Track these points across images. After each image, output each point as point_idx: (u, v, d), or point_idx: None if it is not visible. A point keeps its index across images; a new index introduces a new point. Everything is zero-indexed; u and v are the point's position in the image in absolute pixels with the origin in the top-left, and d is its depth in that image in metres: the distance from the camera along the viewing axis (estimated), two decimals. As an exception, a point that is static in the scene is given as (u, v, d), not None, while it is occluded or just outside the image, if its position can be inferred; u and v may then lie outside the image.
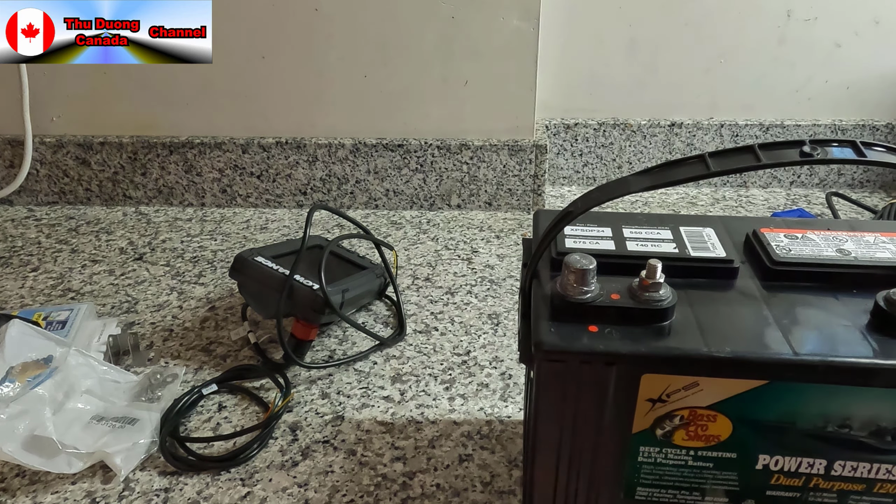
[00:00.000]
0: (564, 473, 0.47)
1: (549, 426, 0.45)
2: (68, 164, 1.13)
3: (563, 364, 0.42)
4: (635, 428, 0.44)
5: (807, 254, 0.48)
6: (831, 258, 0.47)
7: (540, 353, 0.42)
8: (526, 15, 1.01)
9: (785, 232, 0.51)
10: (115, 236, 1.06)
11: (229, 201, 1.16)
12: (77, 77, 1.08)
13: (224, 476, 0.62)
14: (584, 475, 0.46)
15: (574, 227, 0.52)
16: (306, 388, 0.72)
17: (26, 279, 0.94)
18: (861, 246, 0.49)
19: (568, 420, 0.44)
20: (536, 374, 0.43)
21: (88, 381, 0.68)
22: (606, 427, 0.44)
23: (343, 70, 1.06)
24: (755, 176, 1.20)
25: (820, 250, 0.48)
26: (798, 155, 0.39)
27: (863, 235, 0.50)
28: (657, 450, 0.44)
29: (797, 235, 0.50)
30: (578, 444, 0.45)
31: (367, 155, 1.11)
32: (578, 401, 0.43)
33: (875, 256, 0.48)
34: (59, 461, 0.60)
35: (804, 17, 1.09)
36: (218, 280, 0.93)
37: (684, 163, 0.41)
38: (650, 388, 0.42)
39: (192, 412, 0.69)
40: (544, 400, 0.44)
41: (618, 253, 0.49)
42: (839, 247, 0.49)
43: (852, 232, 0.51)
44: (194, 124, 1.12)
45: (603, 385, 0.42)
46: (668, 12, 1.09)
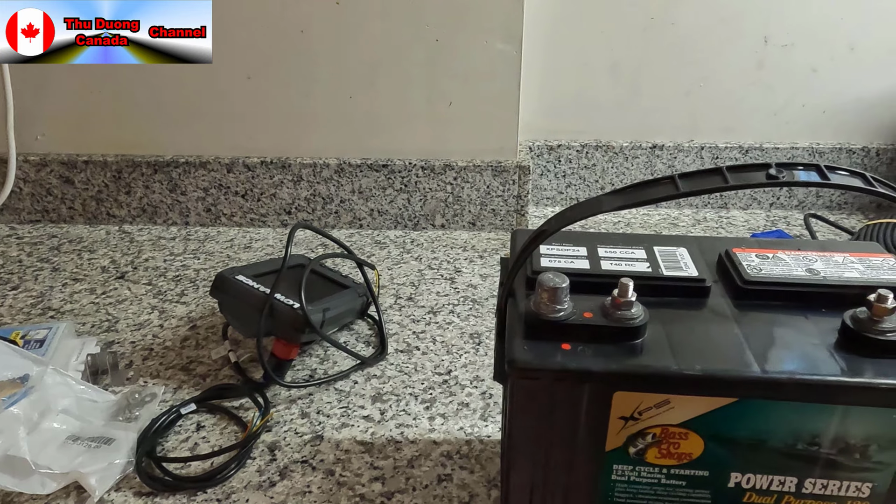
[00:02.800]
0: (539, 491, 0.47)
1: (523, 443, 0.45)
2: (52, 183, 1.13)
3: (536, 381, 0.42)
4: (608, 446, 0.44)
5: (777, 273, 0.49)
6: (801, 278, 0.48)
7: (513, 370, 0.42)
8: (509, 38, 1.02)
9: (757, 252, 0.52)
10: (97, 255, 1.06)
11: (214, 220, 1.16)
12: (62, 95, 1.08)
13: (200, 497, 0.61)
14: (558, 493, 0.47)
15: (549, 246, 0.52)
16: (286, 408, 0.72)
17: (6, 297, 0.93)
18: (830, 266, 0.50)
19: (542, 437, 0.44)
20: (510, 392, 0.43)
21: (65, 400, 0.68)
22: (580, 445, 0.44)
23: (328, 91, 1.07)
24: (735, 198, 1.22)
25: (790, 270, 0.49)
26: (765, 177, 0.40)
27: (832, 255, 0.51)
28: (630, 468, 0.45)
29: (768, 255, 0.51)
30: (552, 462, 0.45)
31: (351, 175, 1.11)
32: (552, 418, 0.43)
33: (843, 276, 0.48)
34: (32, 482, 0.60)
35: (781, 43, 1.11)
36: (200, 299, 0.93)
37: (655, 183, 0.42)
38: (622, 405, 0.42)
39: (169, 432, 0.69)
40: (518, 417, 0.44)
41: (592, 272, 0.49)
42: (809, 266, 0.50)
43: (822, 252, 0.52)
44: (179, 143, 1.12)
45: (576, 403, 0.42)
46: (649, 36, 1.11)
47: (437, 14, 1.01)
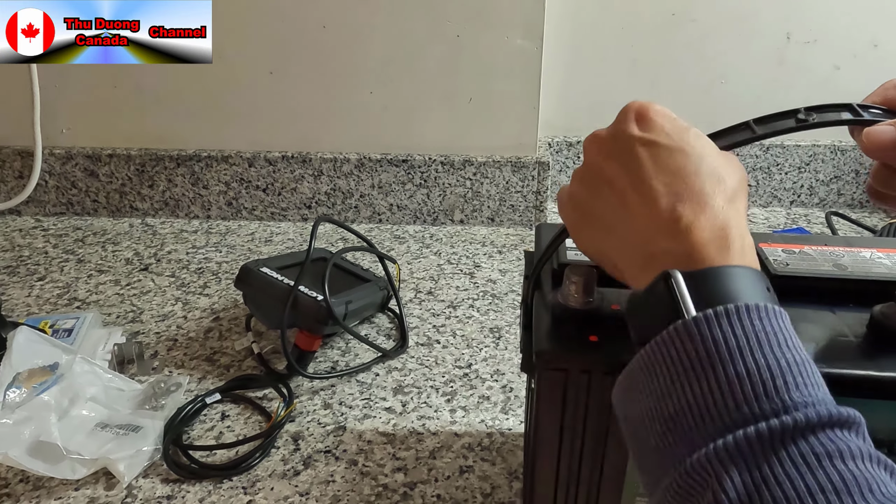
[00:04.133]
0: (564, 483, 0.47)
1: (549, 435, 0.45)
2: (77, 176, 1.15)
3: (563, 373, 0.42)
4: None
5: (804, 268, 0.49)
6: (828, 272, 0.48)
7: (541, 361, 0.42)
8: (530, 34, 1.02)
9: (783, 247, 0.52)
10: (121, 247, 1.07)
11: (235, 214, 1.17)
12: (87, 89, 1.10)
13: (226, 484, 0.62)
14: (583, 485, 0.47)
15: None
16: (309, 399, 0.73)
17: (33, 288, 0.95)
18: (857, 261, 0.50)
19: (568, 429, 0.44)
20: (537, 383, 0.44)
21: (93, 388, 0.69)
22: (606, 436, 0.44)
23: (349, 86, 1.08)
24: (755, 195, 1.21)
25: (817, 265, 0.49)
26: (794, 122, 0.40)
27: (859, 251, 0.51)
28: None
29: (795, 250, 0.51)
30: (578, 454, 0.45)
31: (371, 170, 1.12)
32: (578, 410, 0.44)
33: (871, 271, 0.48)
34: (62, 467, 0.61)
35: (804, 40, 1.11)
36: (222, 291, 0.94)
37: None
38: None
39: (195, 421, 0.70)
40: (545, 409, 0.44)
41: None
42: (836, 262, 0.50)
43: (849, 248, 0.52)
44: (202, 137, 1.13)
45: (603, 394, 0.43)
46: (669, 34, 1.11)
47: (458, 10, 1.02)
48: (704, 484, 0.28)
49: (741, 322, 0.30)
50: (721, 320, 0.30)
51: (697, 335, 0.30)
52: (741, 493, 0.27)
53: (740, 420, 0.28)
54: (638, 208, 0.36)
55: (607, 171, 0.38)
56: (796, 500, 0.26)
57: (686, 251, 0.33)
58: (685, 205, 0.34)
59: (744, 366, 0.29)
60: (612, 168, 0.38)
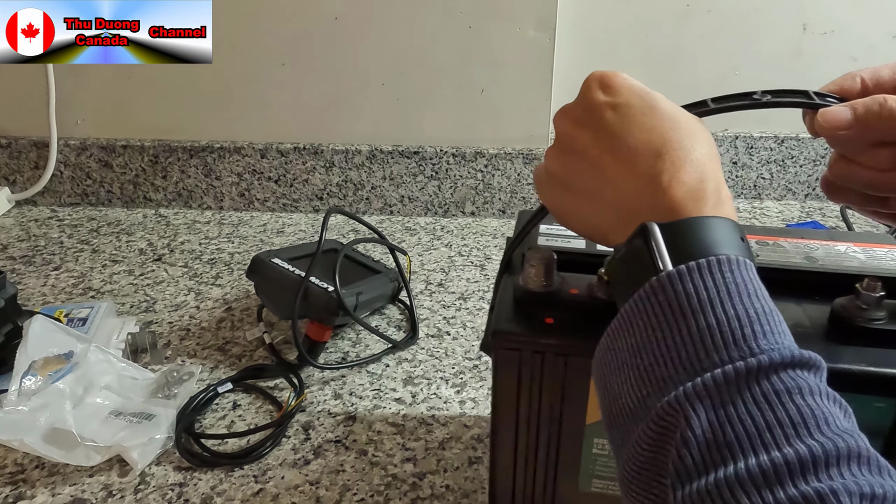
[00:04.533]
0: (522, 462, 0.47)
1: (506, 414, 0.46)
2: (91, 167, 1.16)
3: (518, 353, 0.43)
4: (589, 419, 0.44)
5: (774, 259, 0.48)
6: (796, 265, 0.48)
7: (496, 341, 0.43)
8: (542, 26, 1.02)
9: (758, 239, 0.51)
10: (135, 237, 1.08)
11: (247, 205, 1.18)
12: (101, 81, 1.11)
13: (237, 473, 0.63)
14: (541, 465, 0.47)
15: (550, 226, 0.53)
16: (319, 389, 0.73)
17: (48, 277, 0.96)
18: (830, 254, 0.49)
19: (524, 409, 0.45)
20: (494, 363, 0.44)
21: (107, 377, 0.70)
22: (561, 417, 0.45)
23: (361, 78, 1.08)
24: (769, 188, 1.20)
25: (788, 257, 0.49)
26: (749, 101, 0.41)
27: (835, 245, 0.51)
28: None
29: (769, 242, 0.51)
30: (535, 433, 0.46)
31: (382, 161, 1.12)
32: (533, 390, 0.44)
33: (842, 265, 0.48)
34: (77, 454, 0.62)
35: (820, 31, 1.09)
36: (234, 282, 0.95)
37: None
38: None
39: (207, 410, 0.71)
40: (501, 388, 0.45)
41: (586, 252, 0.49)
42: (808, 254, 0.49)
43: (827, 241, 0.51)
44: (214, 129, 1.14)
45: (556, 375, 0.43)
46: (684, 24, 1.10)
47: (470, 1, 1.01)
48: (674, 424, 0.29)
49: (713, 275, 0.31)
50: (693, 274, 0.31)
51: (671, 289, 0.31)
52: (706, 430, 0.28)
53: (709, 366, 0.29)
54: (616, 171, 0.36)
55: (580, 140, 0.38)
56: (757, 436, 0.27)
57: (668, 205, 0.34)
58: (665, 160, 0.35)
59: (714, 317, 0.30)
60: (584, 137, 0.38)
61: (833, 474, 0.26)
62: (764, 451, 0.27)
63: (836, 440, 0.27)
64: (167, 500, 0.60)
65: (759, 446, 0.27)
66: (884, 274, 0.46)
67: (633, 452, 0.31)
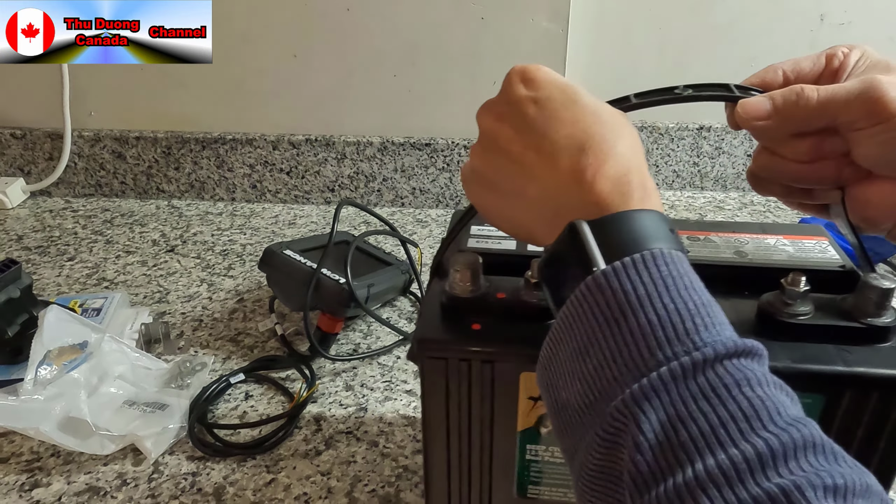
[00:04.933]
0: (456, 471, 0.46)
1: (436, 422, 0.45)
2: (105, 158, 1.17)
3: (443, 361, 0.42)
4: (520, 426, 0.43)
5: (702, 255, 0.48)
6: (723, 260, 0.47)
7: (422, 349, 0.42)
8: (555, 17, 1.01)
9: (689, 234, 0.51)
10: (148, 228, 1.09)
11: (259, 196, 1.18)
12: (114, 73, 1.11)
13: (250, 462, 0.63)
14: (475, 473, 0.46)
15: (482, 227, 0.52)
16: (331, 380, 0.74)
17: (63, 268, 0.97)
18: (760, 248, 0.49)
19: (454, 417, 0.44)
20: (421, 371, 0.43)
21: (121, 366, 0.70)
22: (493, 424, 0.44)
23: (373, 69, 1.07)
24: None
25: (718, 252, 0.48)
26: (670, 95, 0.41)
27: (766, 238, 0.50)
28: (544, 448, 0.44)
29: (699, 237, 0.50)
30: (466, 442, 0.45)
31: (394, 153, 1.12)
32: (461, 398, 0.43)
33: (771, 259, 0.47)
34: (92, 442, 0.62)
35: (838, 21, 1.08)
36: (247, 273, 0.95)
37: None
38: (530, 385, 0.42)
39: (219, 400, 0.71)
40: (430, 396, 0.44)
41: (516, 253, 0.48)
42: (738, 249, 0.48)
43: (759, 235, 0.51)
44: (227, 121, 1.14)
45: (484, 382, 0.42)
46: (697, 15, 1.08)
47: (482, -8, 1.01)
48: (624, 428, 0.28)
49: (648, 270, 0.30)
50: (629, 270, 0.30)
51: (608, 288, 0.30)
52: (658, 433, 0.27)
53: (654, 364, 0.29)
54: (540, 168, 0.35)
55: (502, 137, 0.37)
56: (711, 434, 0.26)
57: (594, 201, 0.33)
58: (588, 155, 0.34)
59: (655, 313, 0.29)
60: (506, 133, 0.37)
61: (792, 467, 0.25)
62: (720, 449, 0.26)
63: (791, 430, 0.26)
64: (180, 488, 0.60)
65: (715, 444, 0.26)
66: (810, 266, 0.46)
67: (586, 461, 0.30)
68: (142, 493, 0.60)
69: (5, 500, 0.59)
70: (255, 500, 0.59)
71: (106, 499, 0.59)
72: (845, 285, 0.42)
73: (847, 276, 0.44)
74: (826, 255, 0.48)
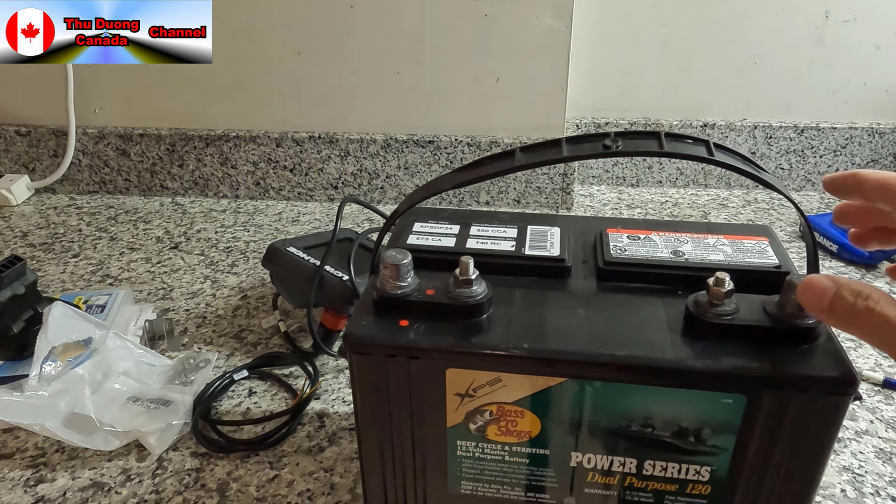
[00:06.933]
0: (391, 467, 0.47)
1: (366, 418, 0.45)
2: (109, 155, 1.17)
3: (370, 357, 0.42)
4: (449, 422, 0.44)
5: (640, 255, 0.48)
6: (661, 260, 0.47)
7: (349, 344, 0.42)
8: (559, 13, 1.01)
9: (629, 233, 0.51)
10: (152, 225, 1.09)
11: (262, 194, 1.18)
12: (119, 70, 1.11)
13: (253, 458, 0.63)
14: (408, 469, 0.47)
15: (424, 224, 0.53)
16: (334, 377, 0.74)
17: (67, 265, 0.97)
18: (698, 248, 0.49)
19: (384, 413, 0.44)
20: (350, 367, 0.44)
21: (125, 363, 0.71)
22: (422, 421, 0.44)
23: (376, 67, 1.07)
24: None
25: (656, 251, 0.48)
26: (601, 148, 0.40)
27: (706, 237, 0.50)
28: (473, 444, 0.45)
29: (640, 236, 0.50)
30: (398, 438, 0.45)
31: (397, 151, 1.12)
32: (391, 394, 0.43)
33: (707, 259, 0.47)
34: (96, 438, 0.63)
35: (843, 18, 1.07)
36: (250, 270, 0.95)
37: (494, 159, 0.43)
38: (456, 382, 0.42)
39: (223, 396, 0.71)
40: (361, 393, 0.44)
41: (454, 249, 0.49)
42: (676, 248, 0.49)
43: (702, 234, 0.51)
44: (230, 118, 1.14)
45: (410, 378, 0.42)
46: (702, 12, 1.08)
47: (486, -11, 1.01)
48: None
49: None
50: None
51: None
52: None
53: None
54: None
55: None
56: None
57: None
58: None
59: None
60: None
61: None
62: None
63: None
64: (184, 484, 0.61)
65: None
66: (744, 267, 0.46)
67: None
68: (146, 489, 0.60)
69: (10, 496, 0.60)
70: (258, 496, 0.59)
71: (110, 494, 0.60)
72: (779, 286, 0.42)
73: (780, 276, 0.44)
74: (763, 256, 0.48)
